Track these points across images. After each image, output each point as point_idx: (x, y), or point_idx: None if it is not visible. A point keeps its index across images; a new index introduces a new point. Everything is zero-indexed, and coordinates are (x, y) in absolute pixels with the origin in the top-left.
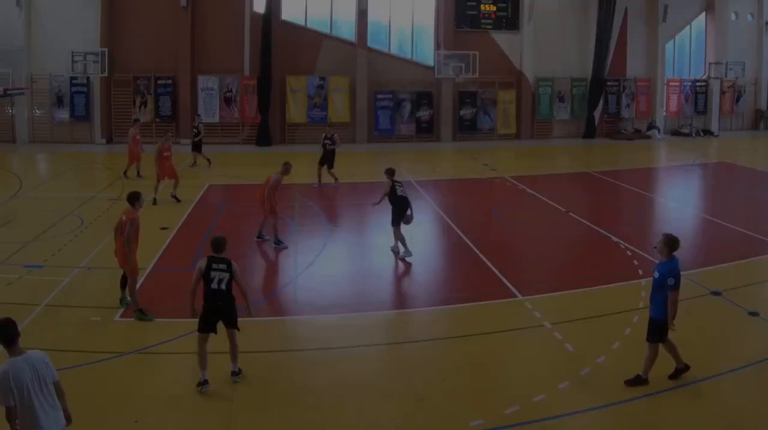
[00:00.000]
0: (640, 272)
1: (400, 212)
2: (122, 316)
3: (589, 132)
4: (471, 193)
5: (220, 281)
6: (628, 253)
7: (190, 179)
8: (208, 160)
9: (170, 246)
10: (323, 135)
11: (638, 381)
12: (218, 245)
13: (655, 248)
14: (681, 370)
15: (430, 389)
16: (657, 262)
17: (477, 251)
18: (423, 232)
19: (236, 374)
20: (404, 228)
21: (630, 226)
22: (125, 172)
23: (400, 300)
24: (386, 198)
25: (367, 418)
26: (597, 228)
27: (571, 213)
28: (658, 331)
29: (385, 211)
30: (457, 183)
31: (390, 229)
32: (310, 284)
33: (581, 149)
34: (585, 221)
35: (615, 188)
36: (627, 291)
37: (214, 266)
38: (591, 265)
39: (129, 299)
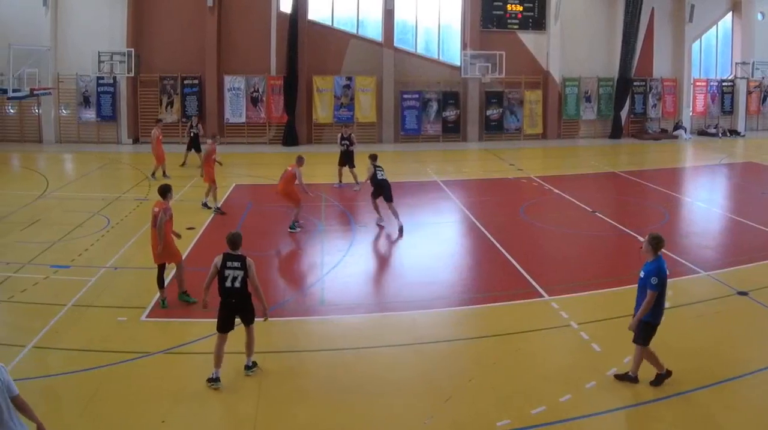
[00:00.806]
0: (667, 272)
1: (379, 193)
2: (149, 316)
3: (616, 132)
4: (497, 193)
5: (234, 279)
6: None
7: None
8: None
9: (196, 246)
10: (339, 135)
11: (627, 378)
12: (234, 241)
13: (641, 248)
14: (663, 376)
15: (456, 389)
16: (685, 261)
17: (503, 251)
18: (450, 232)
19: (250, 367)
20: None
21: (656, 226)
22: (153, 174)
23: (427, 300)
24: (369, 181)
25: (394, 418)
26: (623, 228)
27: (597, 213)
28: (645, 333)
29: (416, 212)
30: (484, 183)
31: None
32: (336, 284)
33: (608, 149)
34: (611, 221)
35: (642, 188)
36: None
37: (229, 263)
38: (617, 265)
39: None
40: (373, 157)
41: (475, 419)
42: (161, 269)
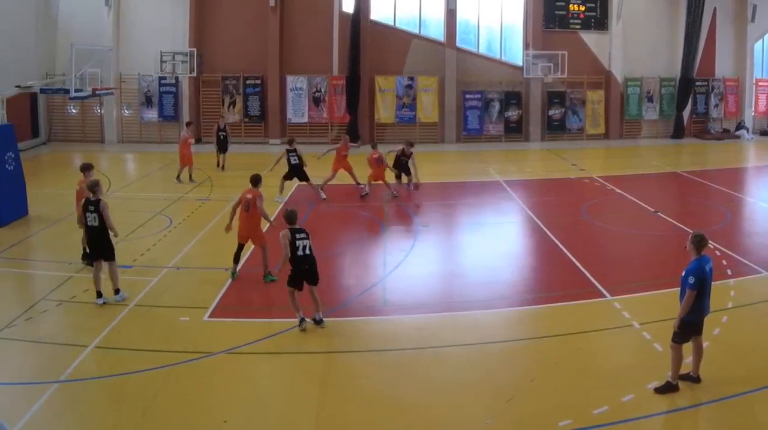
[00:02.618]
0: (729, 272)
1: (292, 174)
2: (211, 316)
3: (678, 132)
4: (559, 193)
5: (304, 248)
6: (717, 253)
7: (277, 178)
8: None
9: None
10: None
11: (688, 378)
12: (291, 217)
13: (686, 247)
14: (672, 387)
15: (518, 389)
16: (748, 261)
17: (565, 251)
18: (512, 232)
19: (321, 321)
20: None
21: (719, 226)
22: (178, 177)
23: (489, 300)
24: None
25: (456, 418)
26: (685, 228)
27: (659, 213)
28: (681, 331)
29: (479, 212)
30: (546, 183)
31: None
32: (398, 284)
33: (670, 149)
34: (673, 221)
35: (703, 188)
36: (716, 291)
37: (297, 235)
38: (680, 264)
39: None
40: (289, 142)
41: (536, 419)
42: (240, 247)
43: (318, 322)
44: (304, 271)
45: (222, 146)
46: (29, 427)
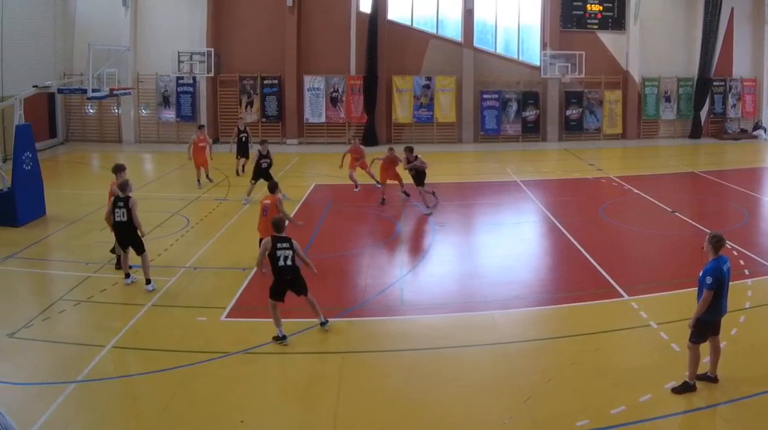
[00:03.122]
0: (747, 272)
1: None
2: (228, 316)
3: (695, 132)
4: (577, 192)
5: (286, 258)
6: (734, 253)
7: (294, 179)
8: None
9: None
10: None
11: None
12: (278, 225)
13: (702, 248)
14: (689, 387)
15: (535, 389)
16: (765, 262)
17: (583, 251)
18: (530, 231)
19: (325, 323)
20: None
21: (736, 226)
22: (198, 181)
23: (506, 300)
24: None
25: (473, 417)
26: (703, 228)
27: (677, 213)
28: (698, 331)
29: (496, 211)
30: (564, 183)
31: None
32: (415, 284)
33: (687, 149)
34: (691, 221)
35: (721, 188)
36: (733, 291)
37: (279, 245)
38: (697, 264)
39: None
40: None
41: (554, 418)
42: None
43: (322, 324)
44: (285, 281)
45: (243, 150)
46: (47, 427)
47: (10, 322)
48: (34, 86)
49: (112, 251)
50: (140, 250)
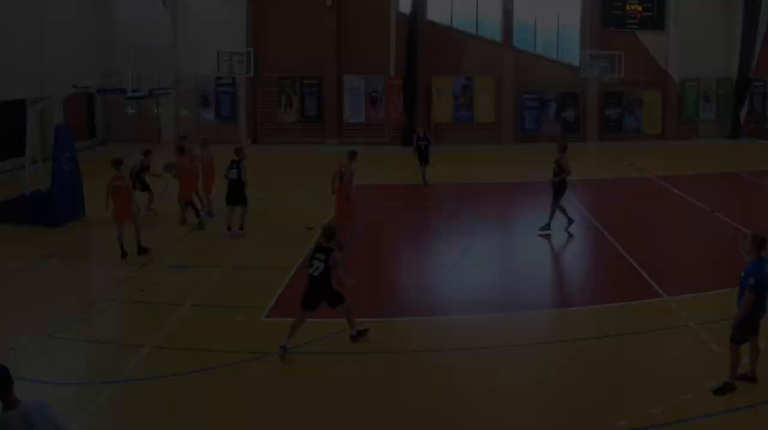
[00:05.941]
0: None
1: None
2: (268, 316)
3: (735, 132)
4: (617, 193)
5: (315, 269)
6: None
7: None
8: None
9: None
10: (415, 137)
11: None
12: (329, 234)
13: (743, 248)
14: (729, 387)
15: (574, 389)
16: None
17: (623, 251)
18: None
19: (354, 337)
20: None
21: None
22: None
23: (545, 300)
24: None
25: (512, 417)
26: (743, 228)
27: (716, 213)
28: (740, 331)
29: (536, 211)
30: (603, 183)
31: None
32: (454, 285)
33: (727, 149)
34: (731, 221)
35: (761, 188)
36: None
37: (315, 255)
38: (736, 265)
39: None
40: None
41: (592, 419)
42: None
43: (352, 337)
44: (311, 291)
45: (424, 157)
46: (87, 428)
47: (49, 322)
48: (73, 86)
49: (123, 256)
50: (244, 204)
